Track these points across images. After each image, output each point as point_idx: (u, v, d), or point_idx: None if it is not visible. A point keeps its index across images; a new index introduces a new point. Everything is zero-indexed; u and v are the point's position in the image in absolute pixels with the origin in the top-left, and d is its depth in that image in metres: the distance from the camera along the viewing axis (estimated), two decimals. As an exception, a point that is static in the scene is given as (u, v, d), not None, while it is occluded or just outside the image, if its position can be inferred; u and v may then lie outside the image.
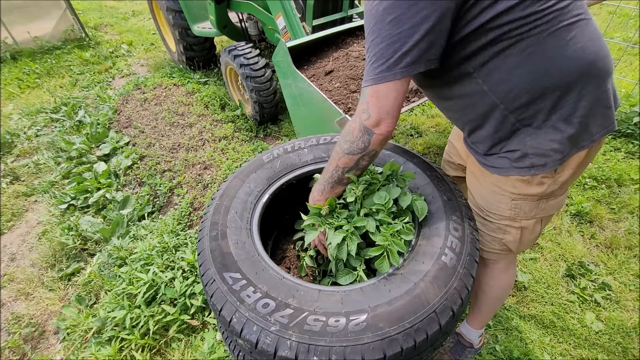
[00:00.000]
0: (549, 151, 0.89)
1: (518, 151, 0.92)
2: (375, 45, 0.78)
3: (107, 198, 2.36)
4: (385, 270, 0.90)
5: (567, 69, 0.80)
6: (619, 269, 1.89)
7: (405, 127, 3.00)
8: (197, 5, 3.30)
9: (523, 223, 1.07)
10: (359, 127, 0.87)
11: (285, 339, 0.77)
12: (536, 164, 0.91)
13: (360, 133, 0.87)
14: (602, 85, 0.85)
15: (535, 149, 0.89)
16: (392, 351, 0.76)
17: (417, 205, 1.01)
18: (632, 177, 2.35)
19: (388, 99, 0.82)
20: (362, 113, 0.85)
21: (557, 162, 0.90)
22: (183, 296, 1.72)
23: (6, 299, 1.88)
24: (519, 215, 1.05)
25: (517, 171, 0.94)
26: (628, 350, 1.58)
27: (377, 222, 0.99)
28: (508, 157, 0.94)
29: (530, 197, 1.00)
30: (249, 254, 0.97)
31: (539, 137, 0.88)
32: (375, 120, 0.84)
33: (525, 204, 1.02)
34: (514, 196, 1.01)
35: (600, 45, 0.83)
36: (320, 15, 2.57)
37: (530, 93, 0.83)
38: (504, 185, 1.01)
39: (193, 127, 3.01)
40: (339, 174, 0.98)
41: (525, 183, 0.97)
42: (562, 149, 0.88)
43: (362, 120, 0.85)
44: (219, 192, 1.18)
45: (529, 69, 0.80)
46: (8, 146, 2.95)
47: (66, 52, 4.49)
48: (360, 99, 0.86)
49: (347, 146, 0.91)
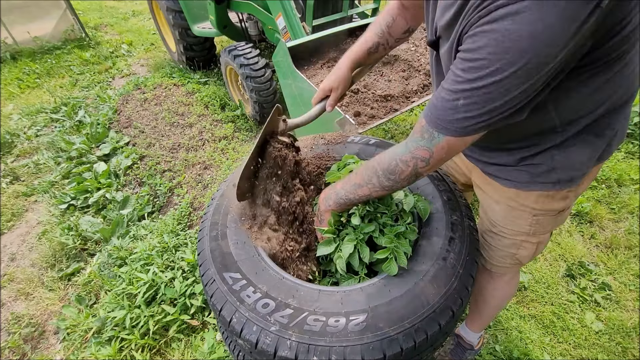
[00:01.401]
0: (577, 165, 0.84)
1: (542, 165, 0.86)
2: (467, 89, 0.63)
3: (107, 198, 2.36)
4: (394, 272, 0.90)
5: (627, 89, 0.77)
6: (619, 269, 1.89)
7: (405, 127, 3.00)
8: (197, 5, 3.30)
9: (540, 238, 1.04)
10: (412, 170, 0.79)
11: (285, 339, 0.77)
12: (563, 179, 0.86)
13: (409, 176, 0.80)
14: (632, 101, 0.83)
15: (563, 163, 0.84)
16: (392, 351, 0.76)
17: (420, 206, 1.01)
18: (632, 177, 2.35)
19: (454, 152, 0.74)
20: (420, 160, 0.76)
21: (581, 176, 0.87)
22: (183, 296, 1.72)
23: (6, 299, 1.88)
24: (539, 230, 1.01)
25: (540, 186, 0.89)
26: (628, 350, 1.58)
27: (381, 225, 0.99)
28: (530, 170, 0.88)
29: (552, 211, 0.96)
30: (248, 254, 0.97)
31: (569, 151, 0.83)
32: (431, 167, 0.77)
33: (546, 219, 0.98)
34: (535, 212, 0.96)
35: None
36: (320, 15, 2.57)
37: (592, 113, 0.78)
38: (525, 200, 0.95)
39: (193, 127, 3.01)
40: (366, 199, 0.93)
41: (549, 198, 0.92)
42: (589, 163, 0.85)
43: (418, 168, 0.78)
44: (219, 192, 1.18)
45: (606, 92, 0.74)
46: (8, 146, 2.95)
47: (66, 52, 4.49)
48: (420, 140, 0.74)
49: (389, 184, 0.84)
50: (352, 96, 2.02)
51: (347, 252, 0.95)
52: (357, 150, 1.27)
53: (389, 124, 3.02)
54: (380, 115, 1.93)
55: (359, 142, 1.31)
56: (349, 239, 0.97)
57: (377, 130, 2.92)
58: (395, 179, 0.82)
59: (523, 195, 0.94)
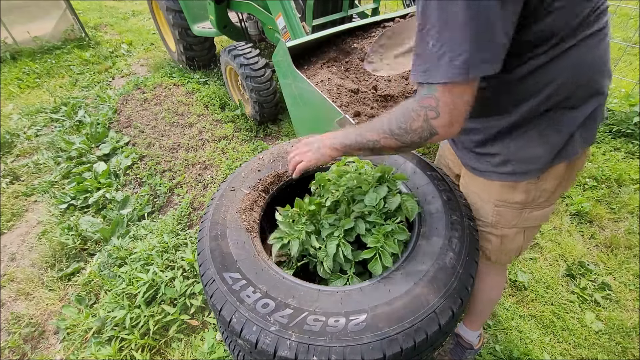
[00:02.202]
0: (532, 158, 0.87)
1: (499, 155, 0.90)
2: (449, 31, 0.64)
3: (107, 198, 2.36)
4: (379, 272, 0.90)
5: (575, 83, 0.78)
6: (619, 268, 1.89)
7: (405, 127, 3.00)
8: (197, 5, 3.30)
9: (504, 231, 1.05)
10: (422, 122, 0.75)
11: (285, 339, 0.77)
12: (518, 171, 0.90)
13: (421, 128, 0.76)
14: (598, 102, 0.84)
15: (517, 155, 0.88)
16: (392, 351, 0.76)
17: (407, 205, 1.00)
18: (632, 177, 2.35)
19: (465, 100, 0.71)
20: (429, 110, 0.73)
21: (539, 171, 0.89)
22: (183, 296, 1.72)
23: (6, 299, 1.88)
24: (500, 222, 1.03)
25: (497, 176, 0.93)
26: (628, 350, 1.58)
27: (369, 224, 0.99)
28: (488, 160, 0.93)
29: (513, 204, 0.98)
30: (248, 254, 0.97)
31: (524, 143, 0.86)
32: (446, 122, 0.73)
33: (508, 212, 1.01)
34: (497, 202, 1.00)
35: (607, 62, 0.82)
36: (320, 15, 2.57)
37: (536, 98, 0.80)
38: (489, 189, 1.00)
39: (193, 127, 3.01)
40: (376, 147, 0.87)
41: (510, 189, 0.96)
42: (546, 158, 0.87)
43: (429, 117, 0.74)
44: (219, 192, 1.18)
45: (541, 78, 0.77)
46: (8, 146, 2.95)
47: (66, 52, 4.49)
48: (422, 92, 0.74)
49: (399, 132, 0.80)
50: (352, 96, 2.02)
51: (332, 251, 0.95)
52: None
53: (389, 123, 3.02)
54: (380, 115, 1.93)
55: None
56: (332, 238, 0.98)
57: (377, 130, 2.92)
58: (406, 128, 0.78)
59: (486, 184, 0.99)
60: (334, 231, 1.00)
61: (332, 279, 0.99)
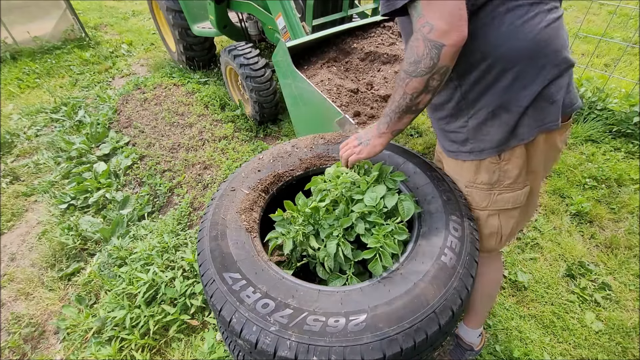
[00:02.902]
0: (486, 137, 0.91)
1: (461, 134, 0.96)
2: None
3: (107, 198, 2.36)
4: (379, 272, 0.90)
5: (517, 49, 0.80)
6: (619, 269, 1.89)
7: (405, 127, 3.00)
8: (197, 5, 3.30)
9: (476, 213, 1.08)
10: (422, 42, 0.76)
11: (284, 339, 0.77)
12: (475, 149, 0.94)
13: (426, 49, 0.76)
14: (550, 77, 0.84)
15: (474, 133, 0.92)
16: (392, 351, 0.76)
17: (404, 205, 0.99)
18: (632, 177, 2.35)
19: (447, 8, 0.72)
20: (422, 27, 0.75)
21: (494, 150, 0.92)
22: (183, 296, 1.72)
23: (6, 299, 1.88)
24: (472, 204, 1.07)
25: (463, 155, 0.98)
26: (628, 350, 1.58)
27: (369, 223, 0.99)
28: (453, 139, 0.98)
29: (480, 185, 1.02)
30: (248, 254, 0.97)
31: (479, 121, 0.91)
32: (442, 30, 0.73)
33: (476, 193, 1.04)
34: (466, 183, 1.05)
35: (559, 36, 0.83)
36: (320, 15, 2.57)
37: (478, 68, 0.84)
38: (460, 171, 1.05)
39: (193, 127, 3.01)
40: (407, 102, 0.87)
41: (475, 169, 1.00)
42: (500, 137, 0.90)
43: (425, 34, 0.75)
44: (218, 192, 1.18)
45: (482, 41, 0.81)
46: (8, 146, 2.95)
47: (66, 52, 4.49)
48: (413, 19, 0.77)
49: (413, 68, 0.80)
50: (352, 96, 2.02)
51: (332, 251, 0.96)
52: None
53: (389, 123, 3.02)
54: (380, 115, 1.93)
55: (358, 142, 1.31)
56: (332, 238, 0.98)
57: (377, 130, 2.92)
58: (415, 59, 0.79)
59: (457, 165, 1.04)
60: (333, 231, 1.00)
61: (331, 279, 0.99)
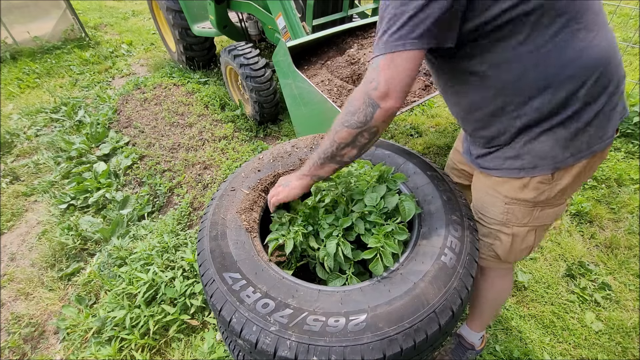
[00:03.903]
0: (540, 153, 0.87)
1: (511, 151, 0.91)
2: (389, 13, 0.75)
3: (107, 198, 2.36)
4: (380, 272, 0.90)
5: (575, 67, 0.78)
6: (619, 269, 1.89)
7: (405, 127, 3.00)
8: (197, 5, 3.30)
9: (515, 230, 1.03)
10: (363, 96, 0.80)
11: (285, 339, 0.77)
12: (526, 167, 0.90)
13: (363, 104, 0.80)
14: (609, 95, 0.83)
15: (528, 150, 0.88)
16: (392, 351, 0.76)
17: (405, 205, 0.99)
18: (632, 177, 2.35)
19: (402, 70, 0.76)
20: (369, 82, 0.79)
21: (549, 168, 0.88)
22: (183, 296, 1.72)
23: (6, 299, 1.88)
24: (511, 220, 1.01)
25: (506, 172, 0.93)
26: (628, 350, 1.58)
27: (369, 223, 0.99)
28: (499, 155, 0.94)
29: (523, 202, 0.97)
30: (248, 254, 0.97)
31: (535, 139, 0.86)
32: (383, 92, 0.77)
33: (519, 210, 0.99)
34: (507, 200, 0.98)
35: (615, 53, 0.82)
36: (320, 15, 2.57)
37: (536, 90, 0.81)
38: (499, 187, 0.98)
39: (193, 127, 3.01)
40: (333, 150, 0.90)
41: (520, 186, 0.94)
42: (556, 154, 0.86)
43: (369, 90, 0.79)
44: (218, 192, 1.18)
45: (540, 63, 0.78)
46: (8, 146, 2.95)
47: (66, 52, 4.49)
48: (368, 70, 0.80)
49: (347, 118, 0.84)
50: (352, 96, 2.02)
51: (332, 251, 0.95)
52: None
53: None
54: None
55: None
56: (332, 238, 0.97)
57: (377, 130, 2.92)
58: (352, 109, 0.83)
59: (498, 182, 0.98)
60: (332, 231, 1.00)
61: (330, 279, 0.99)
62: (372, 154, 1.25)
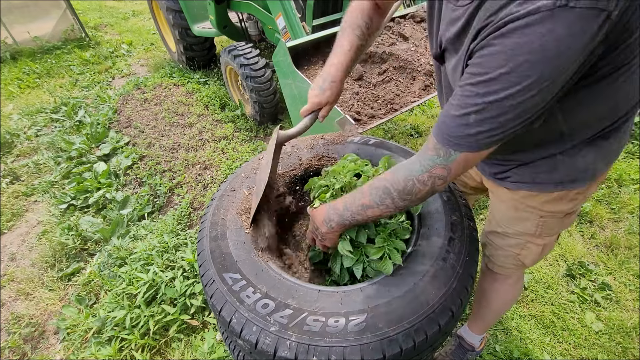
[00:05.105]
0: (581, 166, 0.84)
1: (544, 165, 0.87)
2: (485, 104, 0.61)
3: (107, 198, 2.36)
4: (389, 271, 0.90)
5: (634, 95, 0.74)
6: (619, 269, 1.89)
7: (405, 127, 3.00)
8: (197, 5, 3.30)
9: (546, 240, 1.03)
10: (429, 190, 0.76)
11: (284, 339, 0.77)
12: (565, 180, 0.86)
13: (426, 194, 0.77)
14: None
15: (567, 164, 0.84)
16: (392, 351, 0.76)
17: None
18: (632, 177, 2.35)
19: (470, 166, 0.73)
20: (438, 179, 0.74)
21: (587, 180, 0.86)
22: (183, 296, 1.72)
23: (6, 299, 1.88)
24: (545, 232, 1.00)
25: (540, 187, 0.89)
26: (628, 350, 1.58)
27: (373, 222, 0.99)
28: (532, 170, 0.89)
29: (559, 213, 0.95)
30: (248, 255, 0.97)
31: (576, 155, 0.83)
32: (446, 184, 0.76)
33: (553, 221, 0.97)
34: (542, 213, 0.95)
35: None
36: (320, 15, 2.57)
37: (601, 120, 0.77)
38: (530, 201, 0.94)
39: (193, 127, 3.01)
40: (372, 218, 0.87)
41: (556, 199, 0.91)
42: (596, 166, 0.84)
43: (436, 186, 0.75)
44: (218, 192, 1.18)
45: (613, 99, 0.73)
46: (8, 146, 2.95)
47: (66, 52, 4.49)
48: (436, 158, 0.72)
49: (404, 204, 0.80)
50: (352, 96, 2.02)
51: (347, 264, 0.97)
52: (357, 150, 1.27)
53: (389, 124, 3.02)
54: (380, 115, 1.93)
55: (358, 142, 1.31)
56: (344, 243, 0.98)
57: (377, 130, 2.92)
58: (412, 198, 0.78)
59: (529, 196, 0.93)
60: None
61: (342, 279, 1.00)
62: (372, 154, 1.25)
